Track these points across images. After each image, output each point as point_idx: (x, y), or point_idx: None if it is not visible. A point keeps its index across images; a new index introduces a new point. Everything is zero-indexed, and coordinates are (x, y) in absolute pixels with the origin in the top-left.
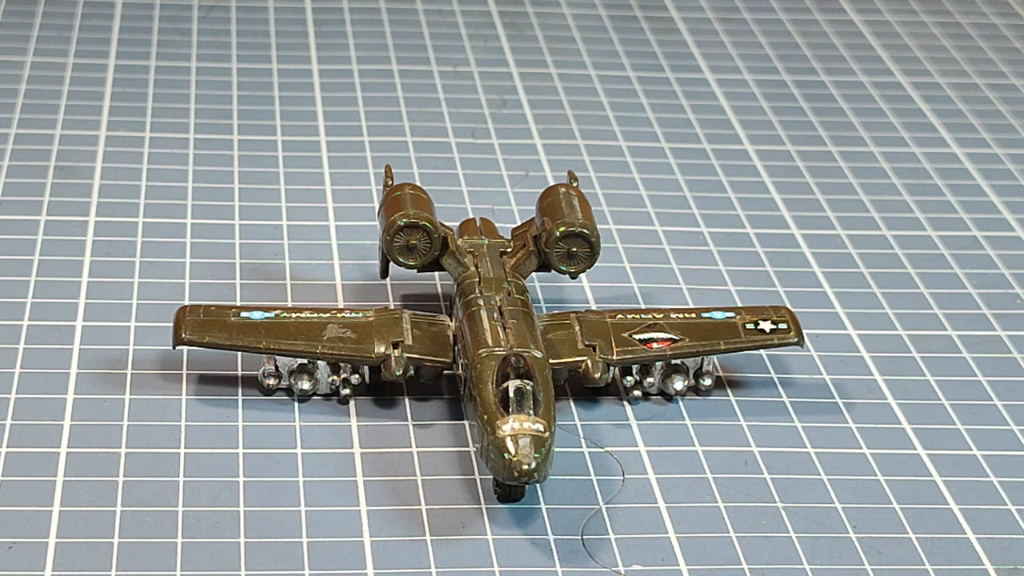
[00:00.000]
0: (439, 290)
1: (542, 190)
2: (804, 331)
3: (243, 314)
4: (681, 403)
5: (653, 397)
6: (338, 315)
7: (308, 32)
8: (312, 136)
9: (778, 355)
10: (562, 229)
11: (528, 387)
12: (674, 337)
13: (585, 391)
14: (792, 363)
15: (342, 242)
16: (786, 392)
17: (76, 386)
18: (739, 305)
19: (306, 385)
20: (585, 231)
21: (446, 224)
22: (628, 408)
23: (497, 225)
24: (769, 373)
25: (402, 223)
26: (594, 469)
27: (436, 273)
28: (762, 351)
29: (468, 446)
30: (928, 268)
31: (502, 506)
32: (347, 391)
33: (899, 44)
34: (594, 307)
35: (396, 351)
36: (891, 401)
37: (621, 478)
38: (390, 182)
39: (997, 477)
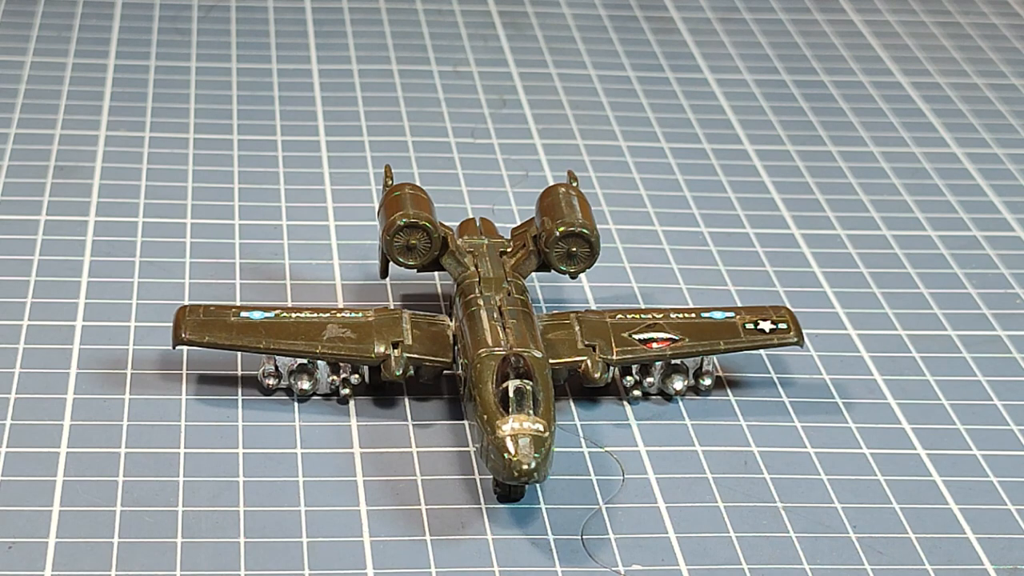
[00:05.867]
0: (439, 290)
1: (542, 190)
2: (804, 331)
3: (243, 314)
4: (681, 403)
5: (653, 397)
6: (338, 315)
7: (308, 32)
8: (312, 136)
9: (778, 355)
10: (562, 229)
11: (528, 387)
12: (674, 337)
13: (585, 391)
14: (792, 363)
15: (342, 242)
16: (786, 392)
17: (76, 386)
18: (739, 305)
19: (306, 385)
20: (585, 231)
21: (446, 224)
22: (628, 408)
23: (497, 225)
24: (769, 373)
25: (402, 223)
26: (594, 469)
27: (436, 273)
28: (762, 351)
29: (468, 446)
30: (928, 268)
31: (502, 506)
32: (347, 391)
33: (899, 44)
34: (594, 307)
35: (396, 351)
36: (891, 401)
37: (621, 478)
38: (390, 182)
39: (997, 477)
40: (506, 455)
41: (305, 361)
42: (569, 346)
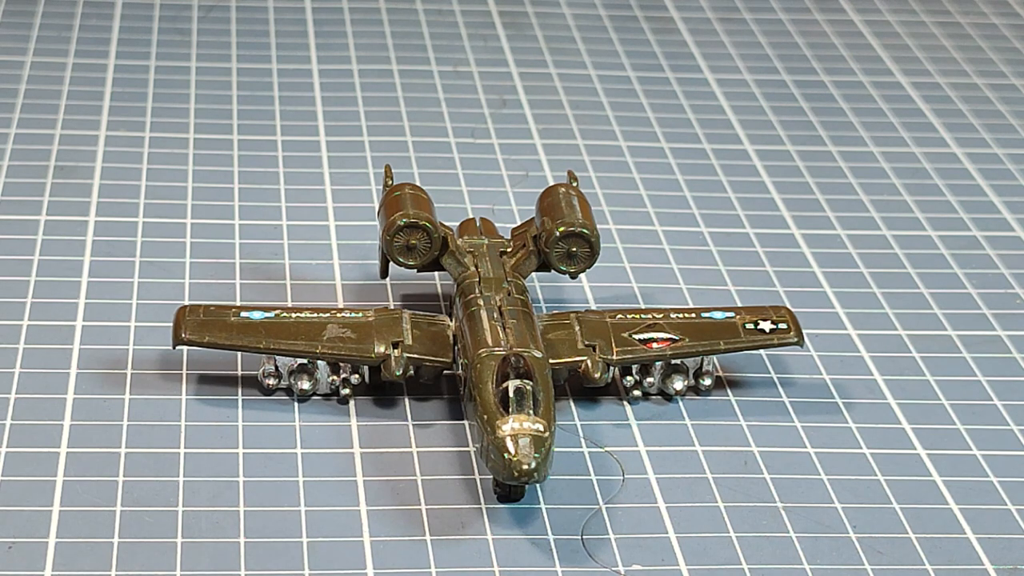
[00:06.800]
0: (439, 290)
1: (542, 190)
2: (804, 331)
3: (243, 314)
4: (681, 403)
5: (653, 397)
6: (338, 315)
7: (308, 32)
8: (312, 136)
9: (778, 355)
10: (562, 229)
11: (528, 387)
12: (674, 337)
13: (585, 391)
14: (792, 363)
15: (342, 242)
16: (786, 392)
17: (76, 386)
18: (739, 305)
19: (306, 385)
20: (585, 231)
21: (446, 224)
22: (628, 408)
23: (497, 225)
24: (769, 373)
25: (402, 223)
26: (594, 469)
27: (436, 273)
28: (762, 351)
29: (468, 446)
30: (928, 268)
31: (502, 506)
32: (347, 391)
33: (899, 44)
34: (594, 307)
35: (396, 351)
36: (891, 401)
37: (621, 478)
38: (390, 182)
39: (997, 477)
40: (506, 455)
41: (305, 361)
42: (569, 346)
